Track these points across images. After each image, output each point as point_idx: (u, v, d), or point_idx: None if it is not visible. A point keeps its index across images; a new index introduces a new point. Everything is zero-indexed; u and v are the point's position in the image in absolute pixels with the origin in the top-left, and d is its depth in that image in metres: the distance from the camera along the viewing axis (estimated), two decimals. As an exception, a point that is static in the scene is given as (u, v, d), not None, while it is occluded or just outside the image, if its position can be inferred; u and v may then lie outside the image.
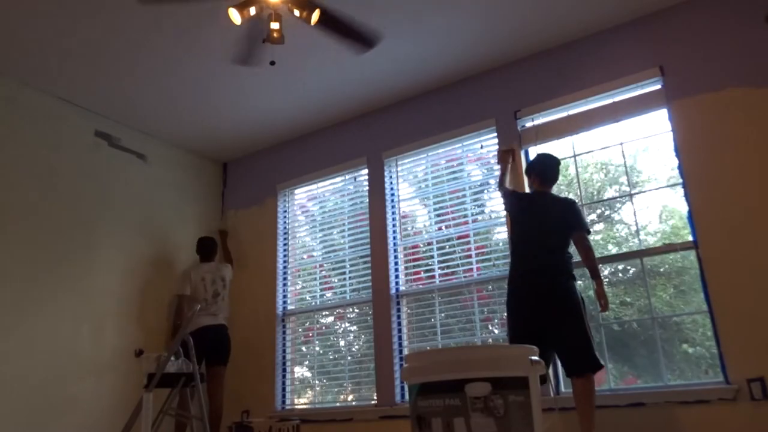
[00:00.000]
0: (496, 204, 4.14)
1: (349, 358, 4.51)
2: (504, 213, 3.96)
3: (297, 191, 5.21)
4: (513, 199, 3.56)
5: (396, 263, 4.42)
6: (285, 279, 4.98)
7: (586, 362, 2.97)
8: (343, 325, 4.71)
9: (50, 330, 3.98)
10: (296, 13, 3.02)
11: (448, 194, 4.35)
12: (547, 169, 3.48)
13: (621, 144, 3.78)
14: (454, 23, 3.77)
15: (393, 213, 4.55)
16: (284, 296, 4.94)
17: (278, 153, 5.32)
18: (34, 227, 4.03)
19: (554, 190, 3.53)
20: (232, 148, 5.40)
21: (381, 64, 4.18)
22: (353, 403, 4.39)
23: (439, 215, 4.38)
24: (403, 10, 3.59)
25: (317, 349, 4.70)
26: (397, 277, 4.38)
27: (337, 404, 4.46)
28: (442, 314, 4.15)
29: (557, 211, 3.31)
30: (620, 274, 3.75)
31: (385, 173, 4.64)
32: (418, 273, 4.36)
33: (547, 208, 3.36)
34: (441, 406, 1.86)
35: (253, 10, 3.00)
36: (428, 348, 4.09)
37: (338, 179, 4.96)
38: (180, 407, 3.88)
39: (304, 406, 4.62)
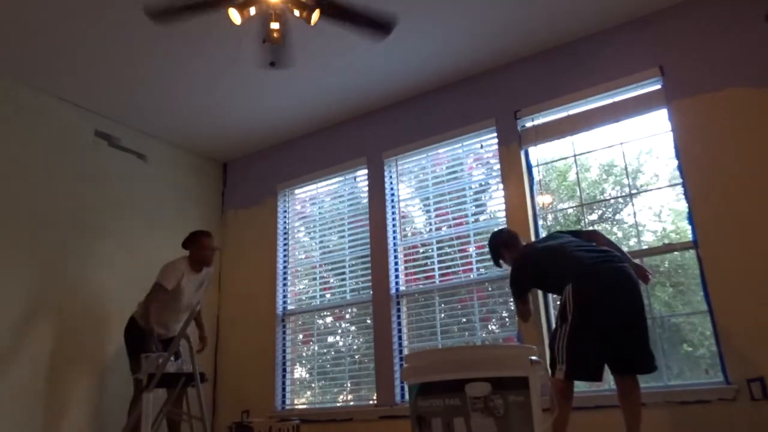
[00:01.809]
0: (496, 204, 4.14)
1: (348, 358, 4.51)
2: (504, 210, 3.97)
3: (297, 191, 5.20)
4: (524, 264, 3.19)
5: (396, 263, 4.42)
6: (285, 279, 4.98)
7: (653, 360, 2.81)
8: (343, 325, 4.71)
9: (50, 330, 3.98)
10: (296, 13, 3.02)
11: (448, 194, 4.35)
12: (501, 237, 3.48)
13: (621, 144, 3.78)
14: (454, 23, 3.77)
15: (393, 213, 4.54)
16: (284, 296, 4.93)
17: (278, 153, 5.32)
18: (34, 227, 4.02)
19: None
20: (232, 148, 5.40)
21: (381, 65, 4.18)
22: (353, 403, 4.39)
23: (439, 215, 4.38)
24: (402, 10, 3.59)
25: (317, 348, 4.70)
26: (397, 277, 4.38)
27: (337, 404, 4.46)
28: (442, 314, 4.15)
29: (560, 237, 3.17)
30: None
31: (385, 173, 4.63)
32: (417, 273, 4.36)
33: (551, 239, 3.19)
34: (441, 406, 1.86)
35: (253, 10, 2.99)
36: (428, 348, 4.09)
37: (338, 179, 4.96)
38: (174, 406, 3.84)
39: (304, 406, 4.62)
